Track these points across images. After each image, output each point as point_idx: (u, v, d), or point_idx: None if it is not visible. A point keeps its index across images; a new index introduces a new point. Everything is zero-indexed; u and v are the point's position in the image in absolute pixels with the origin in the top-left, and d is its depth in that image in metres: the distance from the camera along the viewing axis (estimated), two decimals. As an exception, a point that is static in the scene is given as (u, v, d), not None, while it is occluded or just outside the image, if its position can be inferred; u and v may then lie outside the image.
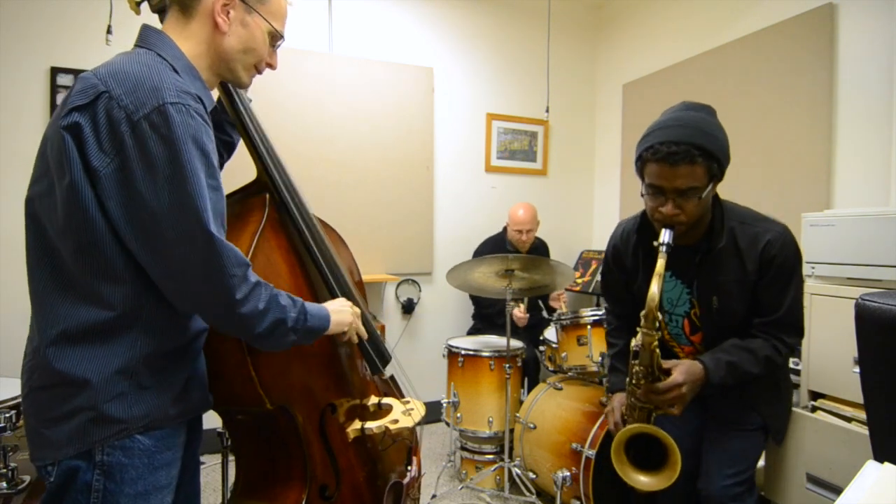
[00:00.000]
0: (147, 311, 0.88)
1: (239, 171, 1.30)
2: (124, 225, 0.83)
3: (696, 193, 1.29)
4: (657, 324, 1.27)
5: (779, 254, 1.38)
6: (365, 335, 1.22)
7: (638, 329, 1.31)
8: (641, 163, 1.36)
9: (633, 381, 1.38)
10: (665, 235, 1.30)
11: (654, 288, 1.24)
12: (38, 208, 0.87)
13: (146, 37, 0.93)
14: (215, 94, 1.07)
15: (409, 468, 1.53)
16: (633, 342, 1.35)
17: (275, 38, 1.04)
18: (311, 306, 1.04)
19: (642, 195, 1.40)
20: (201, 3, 0.94)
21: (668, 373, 1.34)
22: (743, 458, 1.48)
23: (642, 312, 1.28)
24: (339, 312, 1.12)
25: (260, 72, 1.06)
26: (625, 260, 1.59)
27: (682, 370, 1.34)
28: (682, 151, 1.25)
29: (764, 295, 1.42)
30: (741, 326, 1.47)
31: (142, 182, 0.81)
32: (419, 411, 1.35)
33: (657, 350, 1.32)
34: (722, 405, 1.56)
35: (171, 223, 0.82)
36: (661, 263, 1.28)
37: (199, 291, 0.88)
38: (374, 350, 1.30)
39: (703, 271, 1.44)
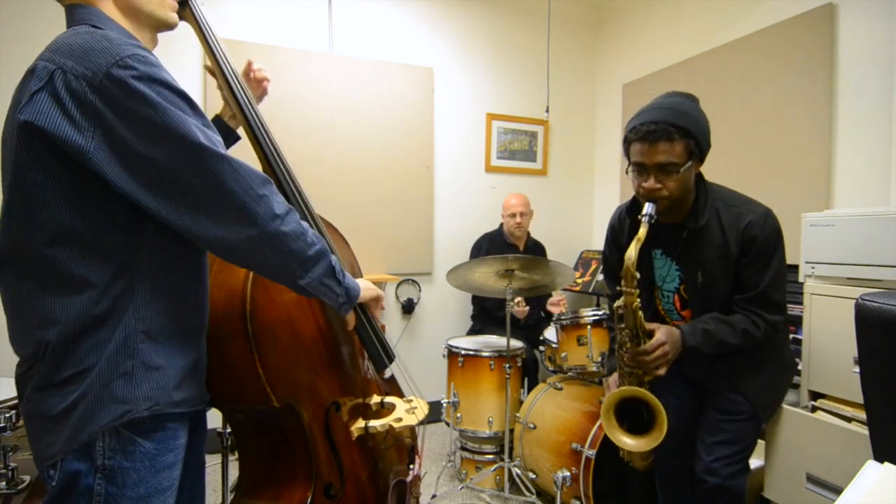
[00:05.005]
0: (137, 286, 0.86)
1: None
2: (137, 189, 0.81)
3: (675, 168, 1.41)
4: (635, 283, 1.40)
5: (759, 234, 1.45)
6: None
7: (619, 289, 1.43)
8: (627, 144, 1.49)
9: (621, 347, 1.50)
10: (647, 208, 1.42)
11: (632, 251, 1.37)
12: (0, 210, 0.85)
13: (76, 14, 0.89)
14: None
15: (411, 467, 1.53)
16: (617, 303, 1.46)
17: None
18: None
19: (627, 172, 1.52)
20: None
21: (651, 335, 1.46)
22: (735, 441, 1.52)
23: (620, 273, 1.40)
24: (367, 290, 1.19)
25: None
26: (621, 239, 1.69)
27: (664, 331, 1.46)
28: (660, 129, 1.38)
29: (745, 273, 1.49)
30: (726, 303, 1.54)
31: (132, 139, 0.79)
32: (423, 409, 1.35)
33: (640, 311, 1.44)
34: (713, 388, 1.60)
35: (178, 165, 0.82)
36: (642, 231, 1.39)
37: (238, 223, 0.86)
38: (379, 346, 1.31)
39: (689, 247, 1.53)
